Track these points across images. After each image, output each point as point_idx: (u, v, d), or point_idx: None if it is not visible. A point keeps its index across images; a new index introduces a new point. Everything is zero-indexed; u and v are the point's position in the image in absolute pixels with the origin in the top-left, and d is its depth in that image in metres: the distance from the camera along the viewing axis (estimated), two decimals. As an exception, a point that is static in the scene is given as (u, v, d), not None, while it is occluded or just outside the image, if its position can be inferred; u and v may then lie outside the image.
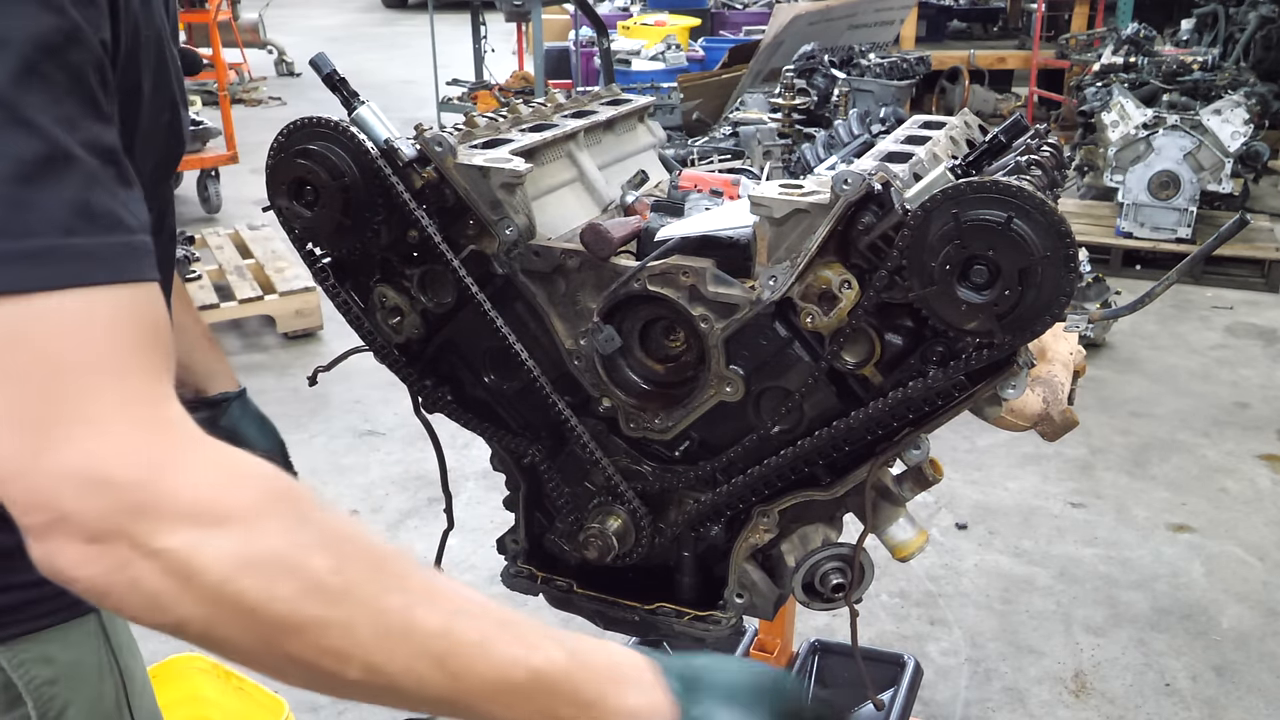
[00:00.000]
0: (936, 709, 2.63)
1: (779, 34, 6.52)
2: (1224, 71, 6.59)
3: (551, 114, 1.82)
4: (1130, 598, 3.03)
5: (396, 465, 3.74)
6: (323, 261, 1.57)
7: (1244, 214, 1.66)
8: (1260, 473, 3.71)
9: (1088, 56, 7.48)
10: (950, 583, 3.09)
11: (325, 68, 1.53)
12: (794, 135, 5.02)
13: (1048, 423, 1.50)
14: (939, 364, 1.36)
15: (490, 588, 2.99)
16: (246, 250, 5.28)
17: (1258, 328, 4.98)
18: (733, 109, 6.12)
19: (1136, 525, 3.39)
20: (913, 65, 6.50)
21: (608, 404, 1.56)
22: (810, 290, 1.39)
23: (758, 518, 1.53)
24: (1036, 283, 1.24)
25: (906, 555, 1.53)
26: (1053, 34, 8.92)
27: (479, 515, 3.29)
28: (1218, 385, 4.38)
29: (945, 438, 3.18)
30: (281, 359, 4.67)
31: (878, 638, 2.86)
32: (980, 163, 1.39)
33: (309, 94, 9.80)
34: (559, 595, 1.72)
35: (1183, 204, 5.44)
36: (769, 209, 1.39)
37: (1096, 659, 2.79)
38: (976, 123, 1.96)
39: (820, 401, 1.45)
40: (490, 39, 8.64)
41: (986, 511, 3.45)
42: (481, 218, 1.52)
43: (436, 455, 1.74)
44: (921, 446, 1.44)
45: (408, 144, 1.52)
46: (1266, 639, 2.86)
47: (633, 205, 1.67)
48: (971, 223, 1.24)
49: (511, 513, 1.73)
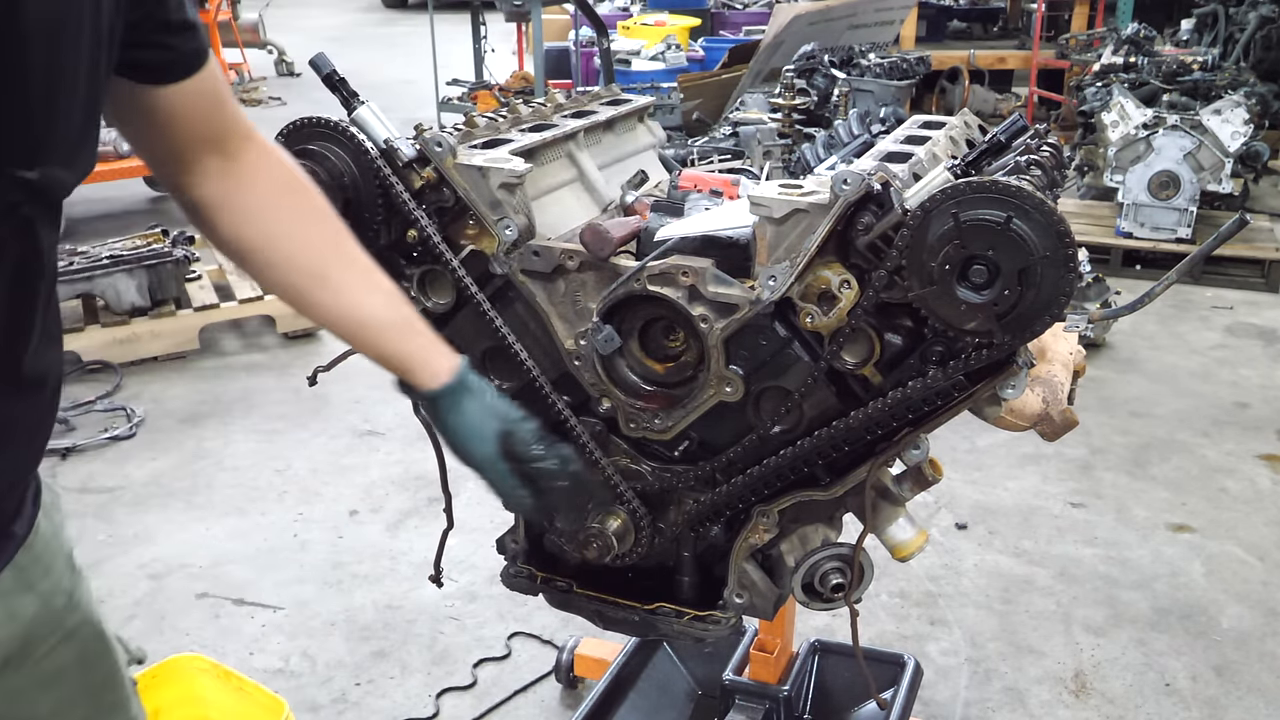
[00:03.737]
0: (936, 709, 2.63)
1: (779, 34, 6.52)
2: (1224, 71, 6.58)
3: (551, 114, 1.83)
4: (1130, 598, 3.03)
5: (396, 465, 3.74)
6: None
7: (1244, 214, 1.66)
8: (1260, 473, 3.71)
9: (1088, 56, 7.48)
10: (950, 583, 3.09)
11: (325, 68, 1.53)
12: (794, 135, 5.02)
13: (1048, 423, 1.50)
14: (939, 364, 1.36)
15: (490, 588, 3.01)
16: (246, 250, 5.28)
17: (1258, 328, 4.98)
18: (733, 109, 6.13)
19: (1136, 525, 3.39)
20: (913, 65, 6.50)
21: (608, 404, 1.56)
22: (810, 290, 1.39)
23: (757, 518, 1.54)
24: (1036, 283, 1.24)
25: (906, 555, 1.53)
26: (1053, 34, 8.92)
27: (479, 515, 3.29)
28: (1218, 385, 4.38)
29: (945, 438, 3.18)
30: (281, 359, 4.67)
31: (878, 638, 2.85)
32: (980, 163, 1.39)
33: (309, 94, 9.79)
34: (559, 595, 1.72)
35: (1183, 204, 5.44)
36: (769, 209, 1.39)
37: (1096, 659, 2.79)
38: (976, 123, 1.96)
39: (820, 401, 1.45)
40: (490, 39, 8.64)
41: (986, 511, 3.45)
42: (481, 218, 1.52)
43: (436, 455, 1.74)
44: (921, 446, 1.44)
45: (407, 144, 1.52)
46: (1266, 639, 2.86)
47: (633, 205, 1.67)
48: (971, 223, 1.24)
49: (511, 513, 1.73)
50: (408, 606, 3.00)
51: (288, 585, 3.10)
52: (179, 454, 3.85)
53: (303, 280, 1.27)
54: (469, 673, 2.74)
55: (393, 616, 2.96)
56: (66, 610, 1.19)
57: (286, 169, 1.28)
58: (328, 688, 2.70)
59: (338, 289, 1.27)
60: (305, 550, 3.27)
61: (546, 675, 2.72)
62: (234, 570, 3.17)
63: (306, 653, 2.83)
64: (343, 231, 1.29)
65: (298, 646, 2.85)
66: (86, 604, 1.23)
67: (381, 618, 2.95)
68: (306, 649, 2.84)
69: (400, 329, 1.30)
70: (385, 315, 1.29)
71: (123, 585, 3.10)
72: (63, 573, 1.19)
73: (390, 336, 1.30)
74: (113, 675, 1.27)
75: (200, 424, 4.07)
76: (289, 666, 2.78)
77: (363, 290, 1.28)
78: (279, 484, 3.65)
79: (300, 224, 1.27)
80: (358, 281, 1.28)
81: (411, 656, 2.81)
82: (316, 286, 1.27)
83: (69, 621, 1.19)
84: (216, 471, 3.73)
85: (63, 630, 1.19)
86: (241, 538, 3.33)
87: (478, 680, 2.72)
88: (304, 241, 1.27)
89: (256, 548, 3.28)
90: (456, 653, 2.82)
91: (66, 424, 3.99)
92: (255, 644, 2.86)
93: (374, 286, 1.29)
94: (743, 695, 2.18)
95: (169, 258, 4.59)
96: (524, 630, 2.88)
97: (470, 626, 2.91)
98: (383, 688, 2.70)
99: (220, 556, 3.24)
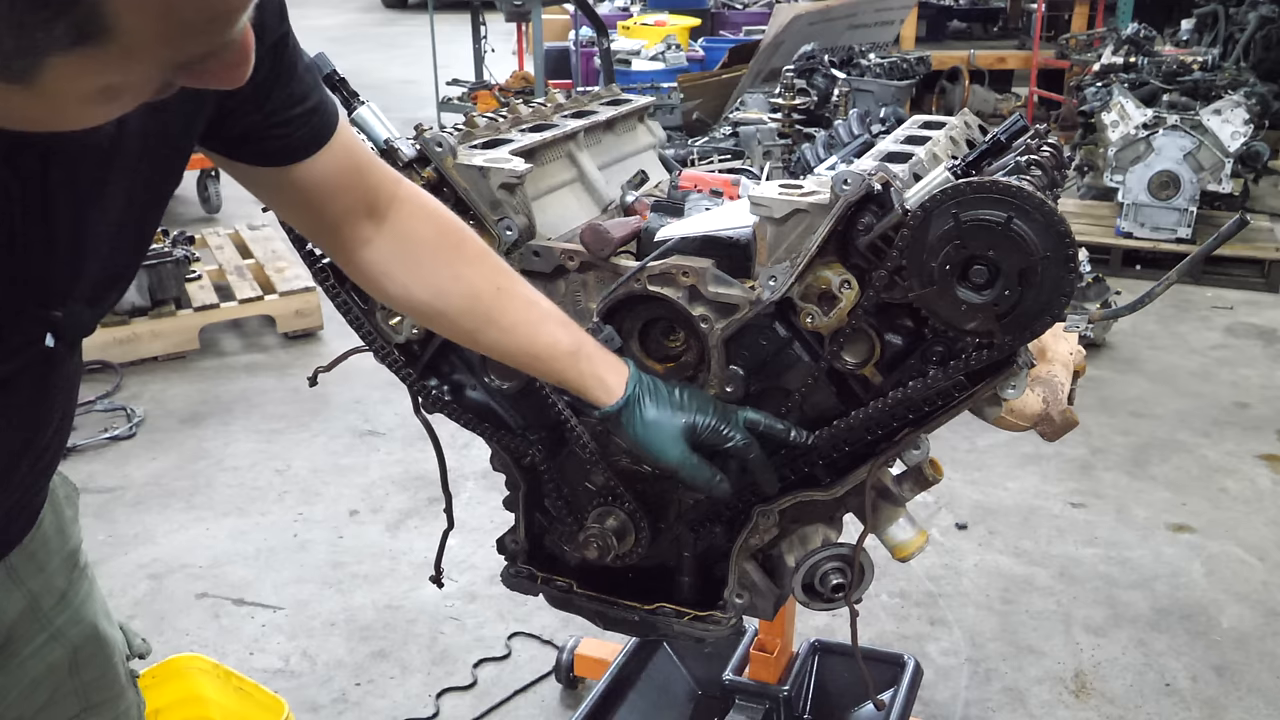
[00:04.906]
0: (936, 709, 2.63)
1: (779, 34, 6.52)
2: (1224, 71, 6.58)
3: (551, 114, 1.82)
4: (1130, 598, 3.03)
5: (396, 465, 3.74)
6: (323, 262, 1.57)
7: (1244, 214, 1.65)
8: (1260, 473, 3.71)
9: (1088, 56, 7.48)
10: (950, 583, 3.10)
11: (325, 68, 1.53)
12: (794, 135, 5.02)
13: (1048, 423, 1.50)
14: (939, 364, 1.36)
15: (490, 588, 3.01)
16: (247, 250, 5.28)
17: (1258, 328, 4.98)
18: (733, 109, 6.12)
19: (1136, 525, 3.39)
20: (913, 65, 6.50)
21: (608, 404, 1.56)
22: (810, 290, 1.39)
23: (758, 518, 1.53)
24: (1036, 283, 1.24)
25: (906, 555, 1.53)
26: (1053, 34, 8.92)
27: (479, 515, 3.29)
28: (1218, 385, 4.38)
29: (945, 438, 3.18)
30: (281, 359, 4.67)
31: (878, 638, 2.85)
32: (980, 163, 1.39)
33: (309, 94, 9.77)
34: (559, 595, 1.72)
35: (1183, 204, 5.44)
36: (769, 209, 1.39)
37: (1096, 659, 2.79)
38: (976, 123, 1.96)
39: (820, 402, 1.45)
40: (490, 39, 8.63)
41: (986, 511, 3.45)
42: (481, 218, 1.52)
43: (436, 455, 1.74)
44: (921, 446, 1.44)
45: (408, 144, 1.52)
46: (1266, 639, 2.86)
47: (633, 205, 1.67)
48: (971, 223, 1.24)
49: (511, 513, 1.73)
50: (408, 606, 3.00)
51: (288, 585, 3.10)
52: (179, 454, 3.85)
53: (475, 324, 1.30)
54: (469, 673, 2.74)
55: (393, 616, 2.96)
56: (56, 610, 1.18)
57: (439, 217, 1.29)
58: (328, 688, 2.70)
59: (508, 328, 1.30)
60: (305, 550, 3.27)
61: (546, 675, 2.72)
62: (234, 570, 3.17)
63: (306, 653, 2.83)
64: (501, 268, 1.31)
65: (298, 646, 2.85)
66: (80, 604, 1.22)
67: (381, 618, 2.96)
68: (306, 649, 2.84)
69: (573, 355, 1.32)
70: (556, 345, 1.31)
71: (123, 585, 3.10)
72: (57, 572, 1.19)
73: (564, 365, 1.32)
74: (105, 674, 1.26)
75: (200, 424, 4.07)
76: (289, 666, 2.78)
77: (531, 325, 1.30)
78: (279, 484, 3.65)
79: (463, 271, 1.28)
80: (524, 316, 1.30)
81: (411, 656, 2.81)
82: (487, 327, 1.30)
83: (57, 621, 1.19)
84: (216, 471, 3.73)
85: (50, 630, 1.18)
86: (241, 538, 3.33)
87: (478, 680, 2.72)
88: (469, 287, 1.28)
89: (256, 548, 3.28)
90: (456, 653, 2.82)
91: (66, 424, 3.98)
92: (255, 644, 2.86)
93: (542, 318, 1.31)
94: (743, 695, 2.18)
95: (169, 258, 4.59)
96: (524, 630, 2.88)
97: (470, 626, 2.91)
98: (383, 688, 2.70)
99: (220, 556, 3.24)
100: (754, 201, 1.40)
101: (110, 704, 1.27)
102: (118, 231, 0.98)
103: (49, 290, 0.94)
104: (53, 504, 1.19)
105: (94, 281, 0.98)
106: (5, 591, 1.13)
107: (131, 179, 0.96)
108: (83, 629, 1.22)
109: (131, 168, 0.95)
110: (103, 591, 1.30)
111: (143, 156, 0.95)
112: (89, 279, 0.97)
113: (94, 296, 1.00)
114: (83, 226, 0.93)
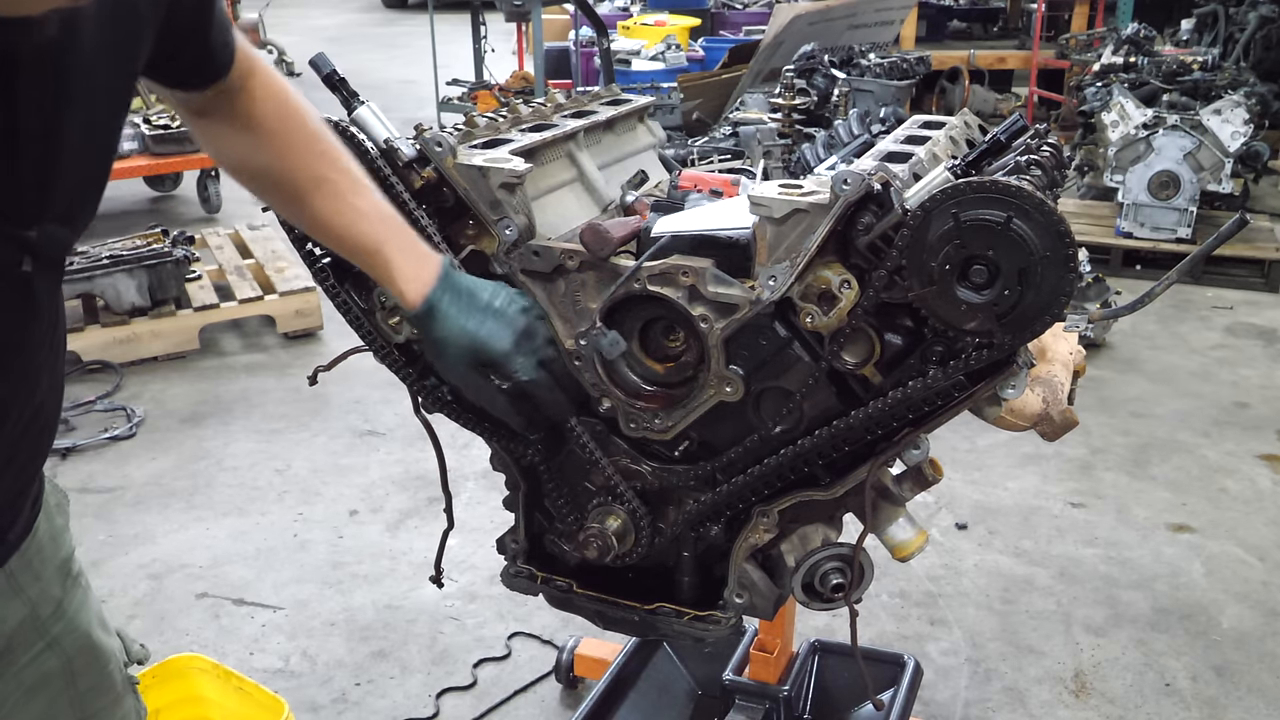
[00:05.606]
0: (936, 709, 2.63)
1: (779, 34, 6.52)
2: (1224, 71, 6.58)
3: (551, 114, 1.82)
4: (1130, 598, 3.03)
5: (396, 465, 3.74)
6: (323, 262, 1.58)
7: (1244, 214, 1.66)
8: (1260, 473, 3.71)
9: (1088, 56, 7.48)
10: (950, 583, 3.09)
11: (325, 68, 1.53)
12: (794, 135, 5.01)
13: (1048, 423, 1.50)
14: (939, 364, 1.36)
15: (490, 588, 3.01)
16: (246, 250, 5.28)
17: (1258, 328, 4.98)
18: (733, 109, 6.12)
19: (1136, 525, 3.39)
20: (913, 65, 6.49)
21: (608, 404, 1.56)
22: (810, 290, 1.39)
23: (758, 518, 1.53)
24: (1036, 283, 1.24)
25: (906, 555, 1.53)
26: (1053, 34, 8.92)
27: (479, 515, 3.29)
28: (1218, 385, 4.38)
29: (945, 438, 3.18)
30: (281, 359, 4.67)
31: (878, 638, 2.85)
32: (980, 163, 1.39)
33: (309, 94, 9.70)
34: (559, 595, 1.72)
35: (1183, 204, 5.44)
36: (769, 209, 1.39)
37: (1096, 659, 2.79)
38: (976, 123, 1.96)
39: (820, 401, 1.45)
40: (490, 39, 8.63)
41: (986, 511, 3.45)
42: (481, 218, 1.52)
43: (436, 455, 1.74)
44: (921, 446, 1.44)
45: (407, 144, 1.52)
46: (1266, 639, 2.86)
47: (633, 205, 1.67)
48: (971, 222, 1.24)
49: (511, 513, 1.73)
50: (408, 606, 3.00)
51: (288, 585, 3.10)
52: (179, 454, 3.85)
53: (290, 212, 1.40)
54: (469, 673, 2.74)
55: (393, 616, 2.96)
56: (52, 619, 1.18)
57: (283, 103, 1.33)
58: (328, 688, 2.70)
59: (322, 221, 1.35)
60: (305, 550, 3.27)
61: (546, 675, 2.72)
62: (234, 570, 3.17)
63: (306, 653, 2.83)
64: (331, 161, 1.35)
65: (298, 646, 2.85)
66: (74, 613, 1.22)
67: (381, 618, 2.96)
68: (306, 649, 2.84)
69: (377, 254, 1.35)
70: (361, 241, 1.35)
71: (123, 585, 3.10)
72: (52, 580, 1.19)
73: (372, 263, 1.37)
74: (100, 683, 1.25)
75: (200, 424, 4.07)
76: (289, 666, 2.78)
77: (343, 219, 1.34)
78: (279, 484, 3.65)
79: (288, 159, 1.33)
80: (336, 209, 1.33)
81: (411, 656, 2.81)
82: (301, 216, 1.37)
83: (53, 629, 1.19)
84: (216, 471, 3.73)
85: (47, 638, 1.18)
86: (241, 538, 3.33)
87: (478, 680, 2.72)
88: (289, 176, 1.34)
89: (256, 548, 3.28)
90: (456, 653, 2.82)
91: (66, 424, 3.99)
92: (255, 644, 2.86)
93: (357, 216, 1.34)
94: (743, 695, 2.18)
95: (169, 258, 4.59)
96: (524, 630, 2.88)
97: (470, 626, 2.91)
98: (383, 688, 2.70)
99: (220, 556, 3.24)
100: (754, 201, 1.40)
101: (106, 712, 1.27)
102: (82, 143, 1.01)
103: (21, 208, 0.96)
104: (46, 512, 1.19)
105: (66, 195, 1.01)
106: (6, 599, 1.12)
107: (91, 93, 1.00)
108: (77, 638, 1.22)
109: (89, 82, 0.99)
110: (100, 596, 1.30)
111: (97, 72, 1.00)
112: (61, 192, 1.00)
113: (67, 214, 1.02)
114: (51, 139, 0.96)
